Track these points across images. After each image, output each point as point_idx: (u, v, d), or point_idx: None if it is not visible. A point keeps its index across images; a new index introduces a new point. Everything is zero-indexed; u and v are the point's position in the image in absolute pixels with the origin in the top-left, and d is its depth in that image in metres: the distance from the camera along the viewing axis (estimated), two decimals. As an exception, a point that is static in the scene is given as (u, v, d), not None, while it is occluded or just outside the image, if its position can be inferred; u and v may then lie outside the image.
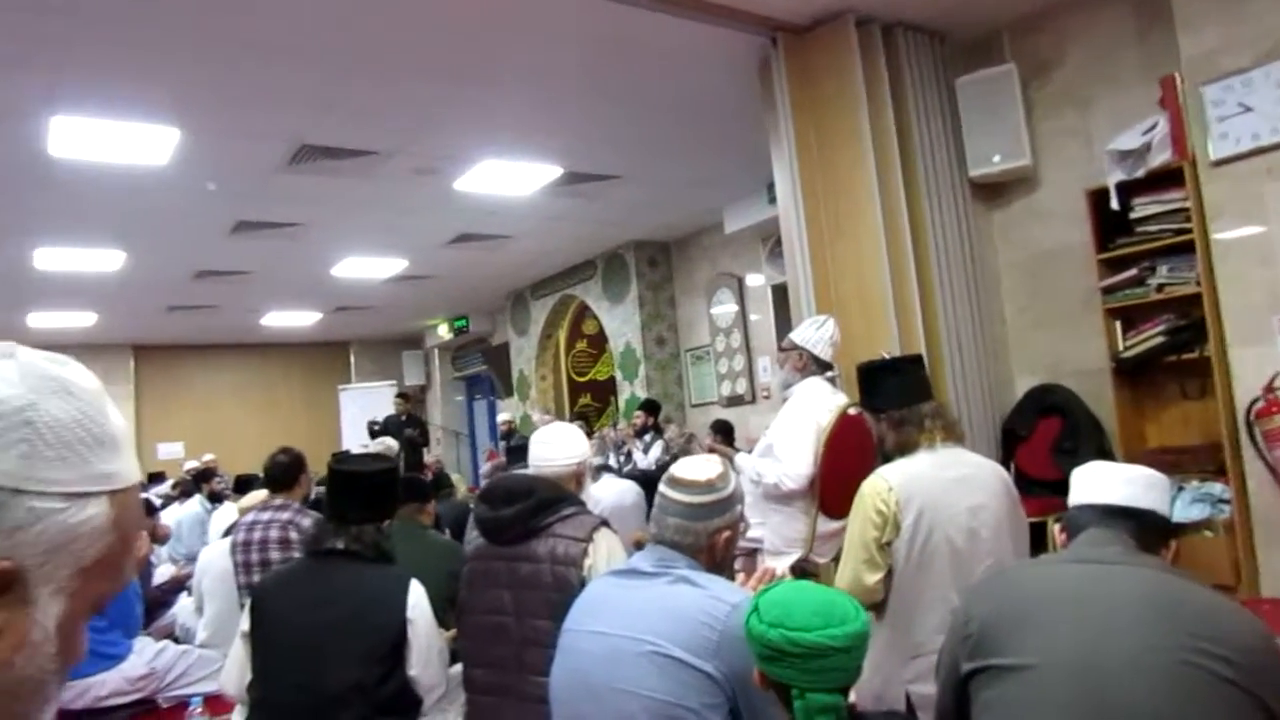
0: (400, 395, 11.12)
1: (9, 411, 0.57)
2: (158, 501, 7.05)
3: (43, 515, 0.57)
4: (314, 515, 3.83)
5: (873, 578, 2.33)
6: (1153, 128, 4.04)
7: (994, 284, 4.71)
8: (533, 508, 2.30)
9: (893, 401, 2.51)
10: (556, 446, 2.48)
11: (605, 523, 2.36)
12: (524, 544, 2.30)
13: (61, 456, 0.58)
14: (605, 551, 2.28)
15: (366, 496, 2.42)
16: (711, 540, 1.89)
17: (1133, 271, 4.16)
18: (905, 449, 2.44)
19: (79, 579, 0.59)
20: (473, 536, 2.47)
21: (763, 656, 1.45)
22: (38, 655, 0.57)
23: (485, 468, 9.48)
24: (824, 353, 3.64)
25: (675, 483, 1.93)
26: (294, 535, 3.71)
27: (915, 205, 4.28)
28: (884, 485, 2.34)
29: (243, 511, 4.34)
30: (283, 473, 3.92)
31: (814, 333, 3.65)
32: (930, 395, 2.52)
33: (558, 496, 2.35)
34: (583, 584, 2.21)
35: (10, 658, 0.55)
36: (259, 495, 4.35)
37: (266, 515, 3.82)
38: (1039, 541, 3.49)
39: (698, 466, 1.94)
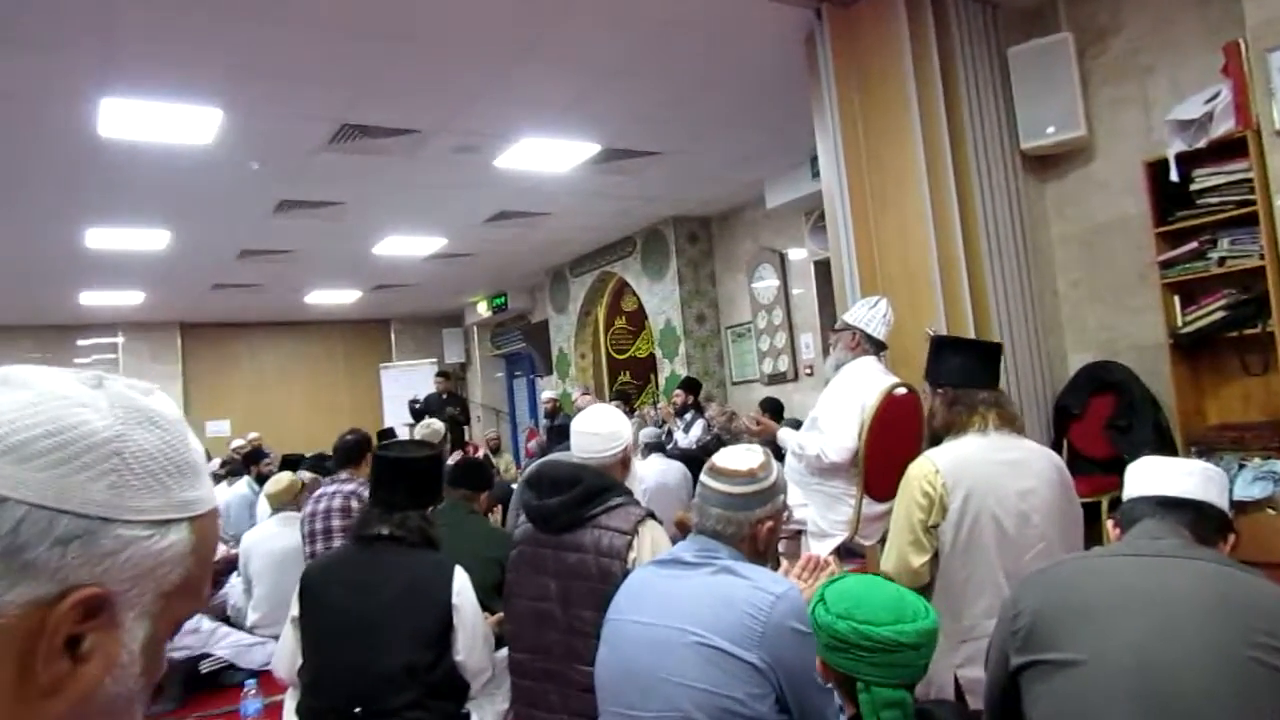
0: (441, 373, 11.21)
1: (99, 443, 0.59)
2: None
3: (130, 542, 0.59)
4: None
5: (919, 560, 2.33)
6: (1215, 96, 3.91)
7: (1047, 258, 4.62)
8: (578, 498, 2.32)
9: (951, 379, 2.51)
10: (600, 437, 2.49)
11: (651, 515, 2.37)
12: (570, 533, 2.33)
13: (147, 485, 0.60)
14: (650, 545, 2.29)
15: (412, 483, 2.46)
16: (754, 530, 1.89)
17: (1193, 245, 4.05)
18: (952, 429, 2.43)
19: (162, 601, 0.61)
20: (521, 520, 2.50)
21: (829, 647, 1.46)
22: (125, 675, 0.59)
23: (531, 445, 9.57)
24: (877, 331, 3.64)
25: (717, 473, 1.94)
26: (355, 504, 3.91)
27: (964, 178, 4.20)
28: (931, 467, 2.33)
29: (272, 499, 4.48)
30: (350, 450, 4.17)
31: (866, 312, 3.65)
32: (994, 385, 2.49)
33: (604, 486, 2.37)
34: (626, 576, 2.22)
35: (102, 677, 0.58)
36: (283, 480, 4.49)
37: (333, 488, 4.05)
38: (1091, 521, 3.44)
39: (739, 456, 1.95)
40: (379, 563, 2.37)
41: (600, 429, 2.52)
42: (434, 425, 5.61)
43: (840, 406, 3.46)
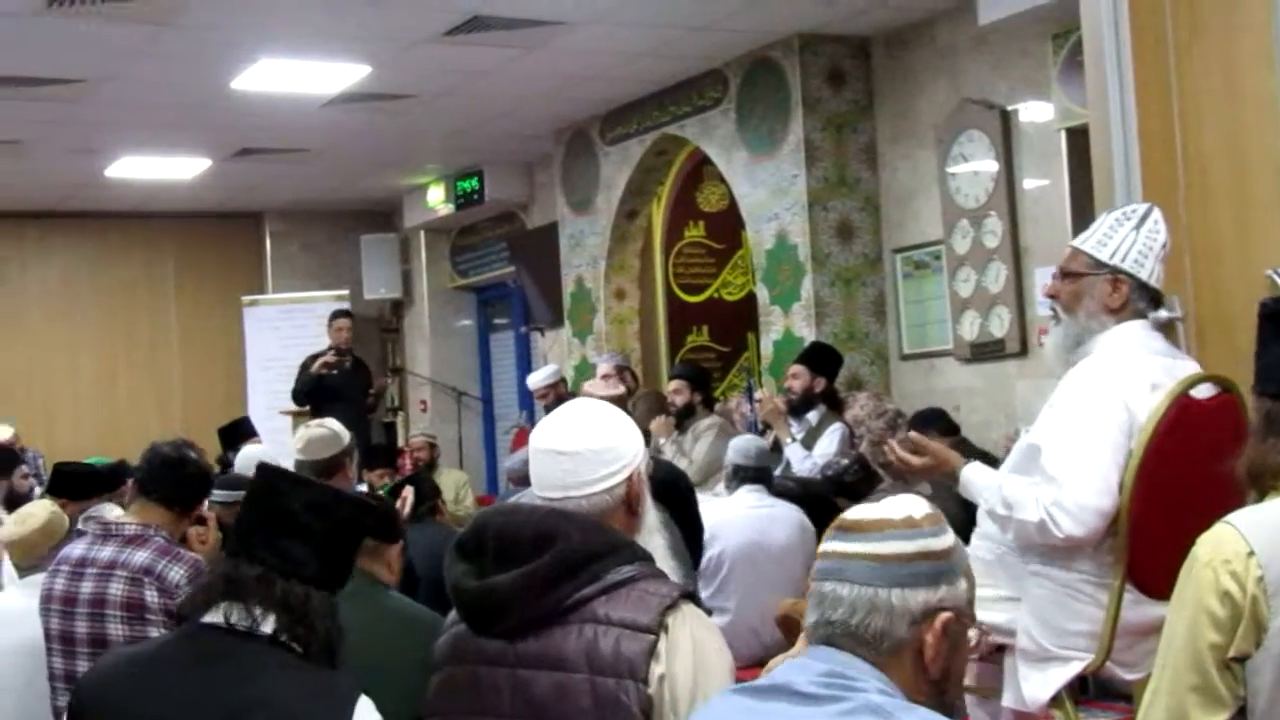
0: (340, 314, 11.32)
1: None
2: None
3: None
4: (193, 560, 4.04)
5: (1208, 720, 2.34)
6: None
7: None
8: (551, 572, 2.35)
9: (1273, 378, 2.52)
10: (579, 459, 2.52)
11: (691, 595, 2.41)
12: (539, 636, 2.37)
13: None
14: (689, 651, 2.33)
15: (325, 537, 2.53)
16: (920, 630, 1.94)
17: None
18: (1274, 477, 2.42)
19: None
20: (449, 618, 2.54)
21: None
22: None
23: (513, 461, 9.61)
24: (1154, 273, 3.63)
25: (850, 529, 2.00)
26: (152, 596, 3.91)
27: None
28: (1239, 546, 2.32)
29: (16, 551, 4.53)
30: (162, 476, 4.17)
31: (1129, 234, 3.63)
32: None
33: (599, 547, 2.41)
34: (647, 711, 2.27)
35: None
36: (35, 518, 4.54)
37: (108, 551, 4.03)
38: None
39: (886, 503, 2.02)
40: (223, 684, 2.41)
41: (578, 444, 2.54)
42: (329, 428, 5.51)
43: (1086, 428, 3.45)
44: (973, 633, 2.09)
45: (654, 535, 2.64)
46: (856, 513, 2.03)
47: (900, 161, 8.95)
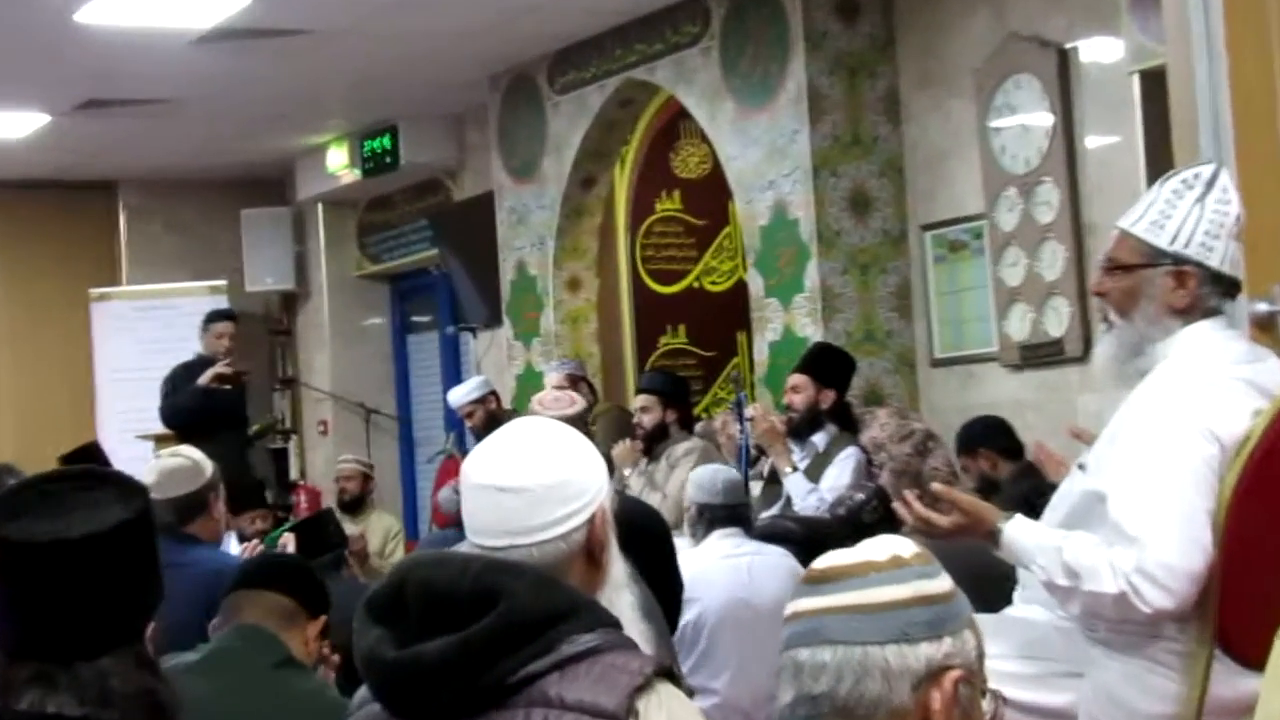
0: (220, 315, 11.22)
1: None
2: None
3: None
4: None
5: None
6: None
7: None
8: (494, 640, 2.33)
9: None
10: (526, 497, 2.52)
11: (668, 672, 2.41)
12: (475, 723, 2.37)
13: None
14: None
15: (96, 592, 2.49)
16: (925, 694, 1.95)
17: None
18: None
19: None
20: (359, 697, 2.53)
21: None
22: None
23: (446, 493, 9.60)
24: (1227, 258, 3.59)
25: (823, 579, 2.02)
26: None
27: None
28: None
29: None
30: None
31: (1193, 208, 3.58)
32: None
33: (554, 608, 2.39)
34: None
35: None
36: None
37: None
38: None
39: (865, 545, 2.04)
40: None
41: (526, 478, 2.55)
42: (187, 457, 5.52)
43: (1165, 463, 3.44)
44: (987, 703, 2.07)
45: (621, 592, 2.63)
46: (828, 559, 2.04)
47: (929, 115, 8.99)
